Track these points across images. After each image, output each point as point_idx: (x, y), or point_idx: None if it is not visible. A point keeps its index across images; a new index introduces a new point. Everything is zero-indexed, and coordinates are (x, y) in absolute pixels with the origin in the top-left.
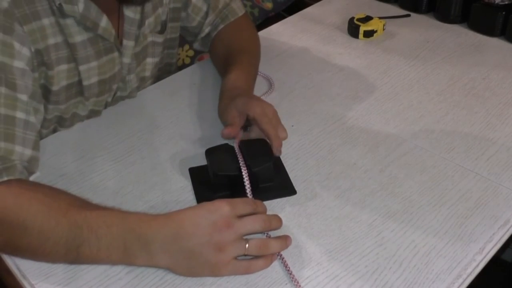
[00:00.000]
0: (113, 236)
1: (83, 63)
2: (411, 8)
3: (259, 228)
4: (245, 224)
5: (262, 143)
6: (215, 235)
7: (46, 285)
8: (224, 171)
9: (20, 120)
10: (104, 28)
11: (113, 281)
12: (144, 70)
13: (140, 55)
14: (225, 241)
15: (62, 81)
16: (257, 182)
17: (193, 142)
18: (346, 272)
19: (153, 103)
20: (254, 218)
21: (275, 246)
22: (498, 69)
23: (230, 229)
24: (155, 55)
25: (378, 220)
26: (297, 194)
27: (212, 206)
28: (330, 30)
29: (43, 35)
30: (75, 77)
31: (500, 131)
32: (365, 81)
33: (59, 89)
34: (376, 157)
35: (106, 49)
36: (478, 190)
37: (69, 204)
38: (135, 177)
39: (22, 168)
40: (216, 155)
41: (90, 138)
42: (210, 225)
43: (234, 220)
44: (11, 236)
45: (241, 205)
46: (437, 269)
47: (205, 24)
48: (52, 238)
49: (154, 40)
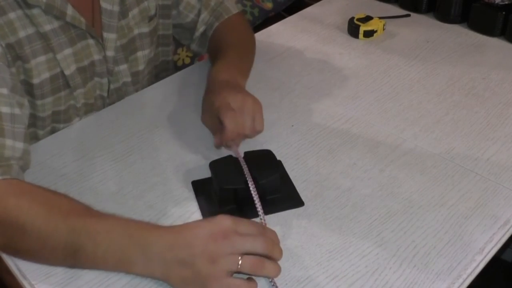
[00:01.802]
0: (111, 241)
1: (59, 51)
2: (411, 8)
3: (259, 249)
4: (244, 240)
5: (267, 154)
6: (210, 245)
7: (46, 285)
8: (230, 185)
9: (6, 115)
10: (71, 16)
11: (113, 281)
12: (137, 64)
13: (128, 48)
14: (218, 253)
15: (43, 73)
16: (264, 195)
17: (193, 142)
18: (346, 272)
19: (153, 103)
20: (255, 238)
21: (271, 268)
22: (498, 69)
23: (226, 241)
24: (145, 47)
25: (378, 220)
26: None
27: (214, 219)
28: (330, 30)
29: (11, 29)
30: (57, 67)
31: (500, 131)
32: (365, 81)
33: (41, 82)
34: (376, 157)
35: (78, 36)
36: (478, 190)
37: (70, 209)
38: (135, 177)
39: (18, 169)
40: (221, 168)
41: (90, 138)
42: (207, 235)
43: (233, 234)
44: (11, 238)
45: (245, 224)
46: (437, 269)
47: (199, 22)
48: (50, 243)
49: (141, 32)
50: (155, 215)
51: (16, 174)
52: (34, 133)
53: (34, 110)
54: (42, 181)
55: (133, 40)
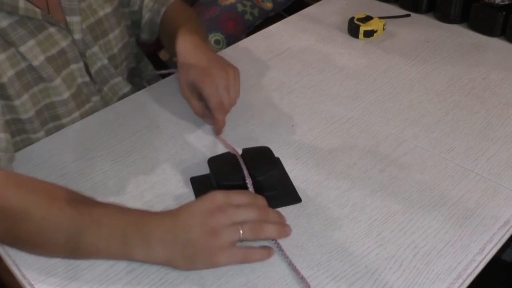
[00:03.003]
0: (114, 226)
1: (21, 45)
2: (411, 8)
3: (254, 216)
4: (239, 210)
5: (265, 150)
6: (208, 220)
7: (46, 285)
8: (228, 181)
9: None
10: (24, 8)
11: (113, 281)
12: (111, 47)
13: (95, 30)
14: (218, 226)
15: (8, 71)
16: (262, 191)
17: (193, 142)
18: (346, 272)
19: (153, 103)
20: (249, 207)
21: (271, 229)
22: (498, 69)
23: (223, 214)
24: (114, 28)
25: (378, 220)
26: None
27: (206, 196)
28: (330, 30)
29: None
30: (21, 62)
31: (500, 131)
32: (365, 81)
33: (8, 80)
34: (376, 157)
35: (37, 27)
36: (478, 190)
37: (72, 196)
38: (135, 177)
39: (6, 161)
40: (219, 164)
41: (90, 138)
42: (203, 212)
43: (227, 206)
44: (12, 224)
45: (236, 195)
46: (437, 269)
47: (143, 9)
48: (53, 225)
49: (106, 13)
50: None
51: (5, 165)
52: (27, 138)
53: (16, 113)
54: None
55: (100, 22)
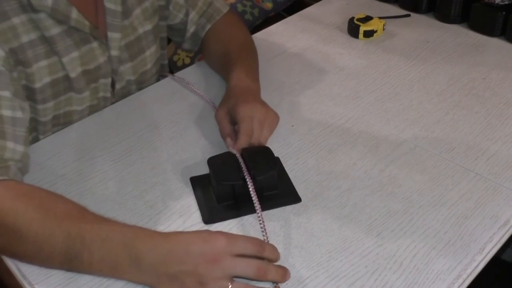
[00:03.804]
0: (106, 251)
1: (65, 55)
2: (411, 8)
3: (251, 274)
4: (235, 264)
5: (264, 150)
6: (201, 267)
7: (46, 285)
8: (228, 180)
9: (7, 118)
10: (75, 19)
11: (113, 281)
12: (146, 64)
13: (133, 47)
14: (208, 276)
15: (44, 77)
16: (262, 191)
17: (193, 142)
18: (346, 272)
19: (153, 103)
20: (248, 262)
21: None
22: (498, 69)
23: (216, 265)
24: (150, 45)
25: (378, 220)
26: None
27: (209, 236)
28: (330, 30)
29: (15, 34)
30: (59, 72)
31: (500, 131)
32: (365, 81)
33: (42, 86)
34: (376, 157)
35: (83, 40)
36: (478, 190)
37: (66, 213)
38: (135, 177)
39: (16, 170)
40: (219, 164)
41: (90, 138)
42: (199, 255)
43: (224, 257)
44: (8, 241)
45: (243, 243)
46: (437, 269)
47: (188, 23)
48: (46, 248)
49: (145, 30)
50: (155, 215)
51: (13, 174)
52: (35, 138)
53: (35, 114)
54: (42, 181)
55: (139, 40)
